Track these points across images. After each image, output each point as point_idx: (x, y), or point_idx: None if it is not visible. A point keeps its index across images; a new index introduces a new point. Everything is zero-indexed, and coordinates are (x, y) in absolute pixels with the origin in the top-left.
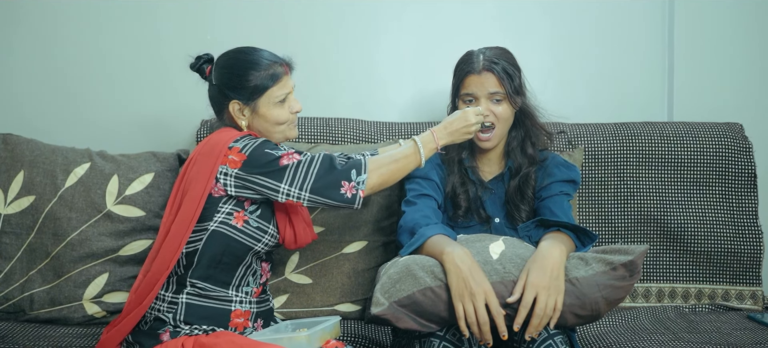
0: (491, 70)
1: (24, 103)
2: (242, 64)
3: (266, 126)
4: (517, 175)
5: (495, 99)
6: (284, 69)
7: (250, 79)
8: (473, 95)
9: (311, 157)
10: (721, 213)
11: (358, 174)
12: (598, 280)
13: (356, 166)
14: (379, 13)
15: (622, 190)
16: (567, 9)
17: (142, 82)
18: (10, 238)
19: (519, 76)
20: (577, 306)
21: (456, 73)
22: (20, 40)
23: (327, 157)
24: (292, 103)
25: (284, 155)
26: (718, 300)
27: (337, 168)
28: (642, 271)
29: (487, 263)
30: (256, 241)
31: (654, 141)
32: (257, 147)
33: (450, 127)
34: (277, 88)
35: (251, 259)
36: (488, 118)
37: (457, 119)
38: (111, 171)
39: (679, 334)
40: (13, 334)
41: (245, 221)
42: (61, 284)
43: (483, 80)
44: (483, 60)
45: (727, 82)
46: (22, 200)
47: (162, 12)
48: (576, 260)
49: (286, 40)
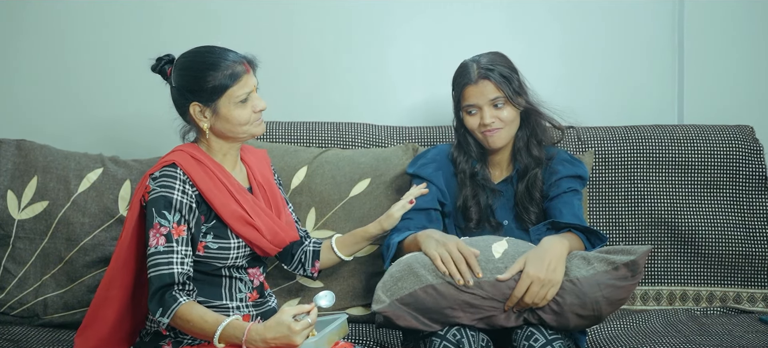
0: (488, 77)
1: (37, 109)
2: (200, 64)
3: (229, 127)
4: (525, 177)
5: (497, 104)
6: (244, 67)
7: (209, 80)
8: (475, 105)
9: (158, 255)
10: (732, 215)
11: (162, 314)
12: (599, 279)
13: (165, 306)
14: (389, 19)
15: (633, 193)
16: (577, 13)
17: (153, 87)
18: (24, 243)
19: (517, 77)
20: (577, 305)
21: (455, 87)
22: (32, 46)
23: (167, 277)
24: (255, 101)
25: (155, 228)
26: (730, 303)
27: (157, 290)
28: (645, 271)
29: (489, 261)
30: (224, 260)
31: (664, 144)
32: (155, 201)
33: (268, 334)
34: (238, 88)
35: (230, 271)
36: (494, 123)
37: (279, 332)
38: (123, 176)
39: (690, 337)
40: (27, 339)
41: (205, 246)
42: (75, 289)
43: (482, 89)
44: (478, 69)
45: (737, 84)
46: (36, 206)
47: (172, 18)
48: (578, 260)
49: (297, 46)
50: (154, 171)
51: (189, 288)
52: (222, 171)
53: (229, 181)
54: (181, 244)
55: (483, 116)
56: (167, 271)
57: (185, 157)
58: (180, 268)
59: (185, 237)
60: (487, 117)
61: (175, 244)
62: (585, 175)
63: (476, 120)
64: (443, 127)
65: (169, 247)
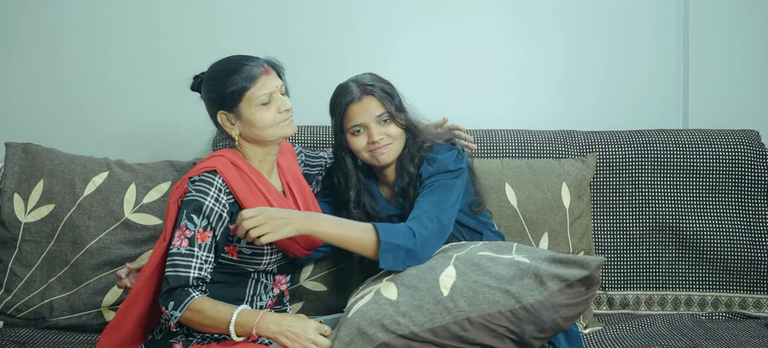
0: (372, 93)
1: (43, 113)
2: (220, 72)
3: (255, 130)
4: (406, 196)
5: (382, 120)
6: (263, 69)
7: (228, 86)
8: (361, 124)
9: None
10: (737, 220)
11: (175, 308)
12: (554, 300)
13: (177, 300)
14: (391, 23)
15: (637, 198)
16: (580, 17)
17: (158, 91)
18: (30, 246)
19: (397, 94)
20: (536, 330)
21: (335, 109)
22: (38, 51)
23: (183, 279)
24: (280, 102)
25: (181, 230)
26: (735, 308)
27: (171, 288)
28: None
29: (439, 303)
30: (256, 264)
31: (669, 148)
32: (187, 203)
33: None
34: (256, 89)
35: (258, 276)
36: (383, 140)
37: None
38: (129, 180)
39: (696, 341)
40: (33, 341)
41: (239, 251)
42: (80, 291)
43: (366, 106)
44: (359, 87)
45: (743, 88)
46: (42, 209)
47: (178, 23)
48: (529, 279)
49: (300, 50)
50: (194, 174)
51: (202, 289)
52: (260, 178)
53: (267, 188)
54: (202, 250)
55: (371, 133)
56: (184, 274)
57: (226, 164)
58: (197, 272)
59: (208, 243)
60: (376, 134)
61: (197, 249)
62: (442, 166)
63: (362, 140)
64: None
65: (191, 251)
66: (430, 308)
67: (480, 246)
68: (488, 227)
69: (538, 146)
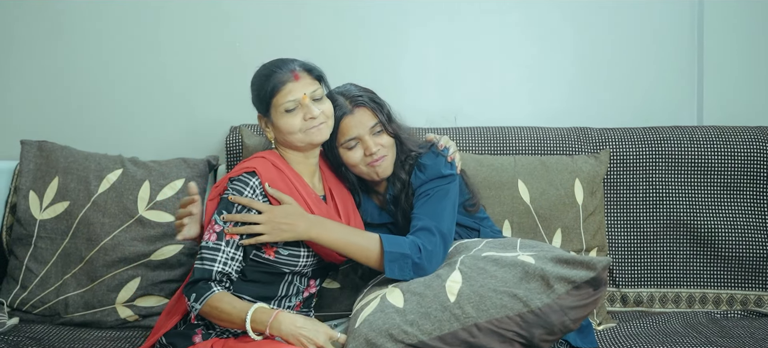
0: (363, 104)
1: (58, 110)
2: (256, 77)
3: (282, 136)
4: (397, 204)
5: (376, 131)
6: (292, 75)
7: (260, 92)
8: (356, 137)
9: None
10: (752, 218)
11: (195, 300)
12: (562, 303)
13: (199, 293)
14: (403, 22)
15: (651, 195)
16: (593, 14)
17: (172, 89)
18: (45, 242)
19: (385, 103)
20: (545, 333)
21: None
22: (55, 50)
23: (207, 272)
24: (306, 109)
25: (211, 224)
26: (751, 306)
27: (195, 280)
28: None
29: (446, 309)
30: (292, 266)
31: (683, 145)
32: (222, 200)
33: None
34: (280, 97)
35: (292, 278)
36: (379, 151)
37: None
38: (142, 177)
39: (712, 339)
40: (48, 337)
41: (276, 252)
42: (95, 288)
43: (359, 117)
44: (349, 99)
45: (758, 85)
46: (57, 206)
47: (191, 22)
48: (536, 282)
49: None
50: (234, 174)
51: (226, 285)
52: (299, 181)
53: (306, 192)
54: (230, 246)
55: (367, 145)
56: (209, 267)
57: (267, 166)
58: (222, 267)
59: (237, 241)
60: (372, 145)
61: (225, 245)
62: (435, 173)
63: (358, 153)
64: (457, 129)
65: (218, 245)
66: (438, 315)
67: (484, 245)
68: (485, 223)
69: (551, 143)
